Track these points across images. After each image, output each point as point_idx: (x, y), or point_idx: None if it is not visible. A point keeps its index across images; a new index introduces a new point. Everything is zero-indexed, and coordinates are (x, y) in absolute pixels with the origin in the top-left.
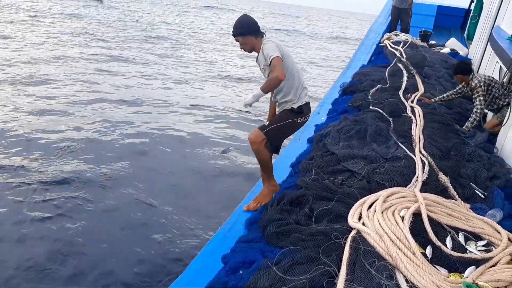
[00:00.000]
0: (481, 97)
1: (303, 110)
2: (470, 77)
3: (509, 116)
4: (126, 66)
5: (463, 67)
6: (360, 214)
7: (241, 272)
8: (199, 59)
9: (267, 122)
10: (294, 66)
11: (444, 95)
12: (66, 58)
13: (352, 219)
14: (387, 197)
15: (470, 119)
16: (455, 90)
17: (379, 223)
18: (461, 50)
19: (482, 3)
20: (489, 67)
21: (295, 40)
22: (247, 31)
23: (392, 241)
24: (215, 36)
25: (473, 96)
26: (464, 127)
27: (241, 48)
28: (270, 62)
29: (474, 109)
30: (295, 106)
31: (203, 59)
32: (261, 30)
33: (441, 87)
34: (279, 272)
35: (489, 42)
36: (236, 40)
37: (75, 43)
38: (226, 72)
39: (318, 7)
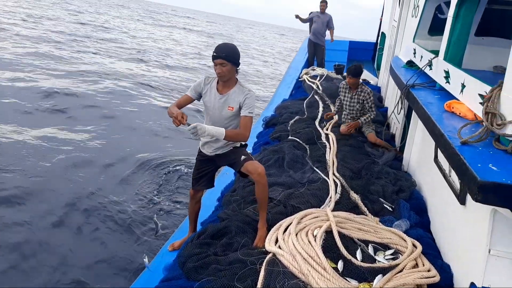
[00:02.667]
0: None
1: (244, 144)
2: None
3: (407, 136)
4: None
5: (360, 69)
6: (277, 238)
7: None
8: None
9: (241, 157)
10: None
11: (336, 107)
12: None
13: (269, 244)
14: (301, 218)
15: (368, 118)
16: (338, 100)
17: (293, 244)
18: (372, 80)
19: (385, 36)
20: (393, 93)
21: None
22: (238, 63)
23: (305, 259)
24: None
25: (365, 98)
26: (358, 120)
27: (219, 72)
28: (246, 115)
29: (371, 112)
30: (240, 143)
31: None
32: None
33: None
34: None
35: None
36: (222, 64)
37: None
38: None
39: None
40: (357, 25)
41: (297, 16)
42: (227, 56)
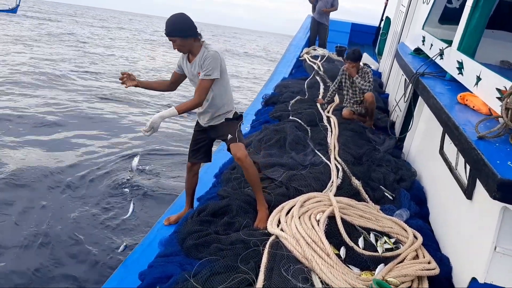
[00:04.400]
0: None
1: (239, 115)
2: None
3: (411, 125)
4: None
5: (359, 53)
6: (279, 220)
7: (158, 287)
8: None
9: (228, 136)
10: (227, 77)
11: (329, 93)
12: None
13: (271, 225)
14: (304, 202)
15: (366, 87)
16: (334, 85)
17: (296, 228)
18: (372, 65)
19: (390, 21)
20: (396, 79)
21: None
22: (188, 33)
23: (308, 244)
24: None
25: (363, 77)
26: (363, 87)
27: (175, 48)
28: (202, 78)
29: (368, 84)
30: (233, 115)
31: None
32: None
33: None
34: (197, 284)
35: (395, 57)
36: (171, 41)
37: None
38: None
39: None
40: None
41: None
42: (171, 32)
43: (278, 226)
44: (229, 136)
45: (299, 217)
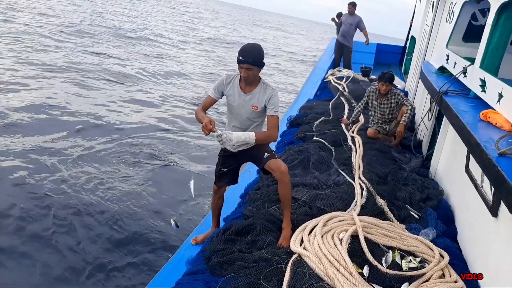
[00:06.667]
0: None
1: None
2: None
3: (436, 143)
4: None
5: (393, 75)
6: (302, 238)
7: None
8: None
9: (265, 155)
10: None
11: (354, 114)
12: None
13: (294, 244)
14: (327, 221)
15: (407, 115)
16: (360, 106)
17: (319, 246)
18: (399, 84)
19: (415, 40)
20: (422, 98)
21: None
22: (263, 65)
23: (331, 262)
24: None
25: (398, 100)
26: (402, 122)
27: (245, 76)
28: (273, 115)
29: (409, 110)
30: None
31: None
32: None
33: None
34: None
35: (420, 76)
36: (248, 69)
37: None
38: None
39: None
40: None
41: (333, 19)
42: (254, 61)
43: (301, 245)
44: (266, 154)
45: (322, 236)
